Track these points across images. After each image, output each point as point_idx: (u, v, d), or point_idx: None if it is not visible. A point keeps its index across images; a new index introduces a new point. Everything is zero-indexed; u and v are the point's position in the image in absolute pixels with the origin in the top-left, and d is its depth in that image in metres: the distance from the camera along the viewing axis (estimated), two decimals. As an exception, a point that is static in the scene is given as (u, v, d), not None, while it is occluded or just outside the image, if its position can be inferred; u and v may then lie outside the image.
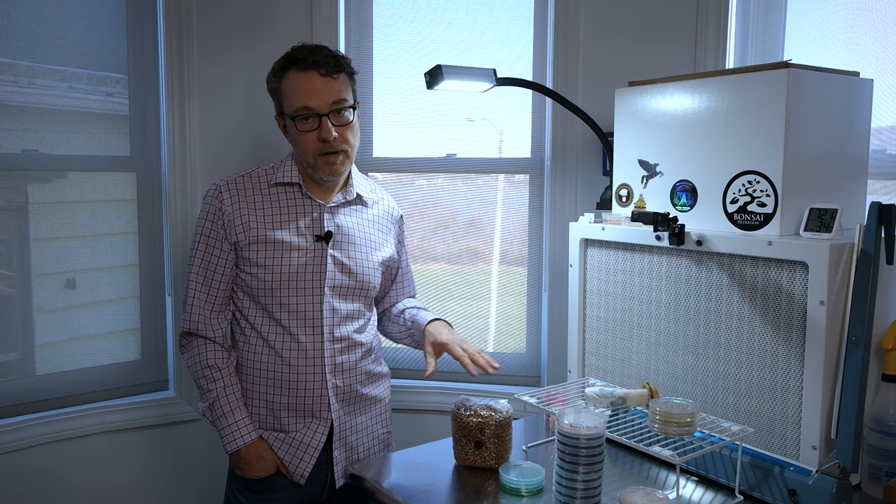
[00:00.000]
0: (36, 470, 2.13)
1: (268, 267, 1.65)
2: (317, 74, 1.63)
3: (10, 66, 2.09)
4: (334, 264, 1.69)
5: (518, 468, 1.44)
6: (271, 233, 1.66)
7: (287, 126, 1.70)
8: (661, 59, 2.12)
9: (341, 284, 1.70)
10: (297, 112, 1.64)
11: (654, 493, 1.24)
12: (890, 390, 1.35)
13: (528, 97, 2.32)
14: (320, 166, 1.66)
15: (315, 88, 1.63)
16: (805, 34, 2.03)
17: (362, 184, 1.83)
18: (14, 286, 2.14)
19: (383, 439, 1.85)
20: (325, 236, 1.68)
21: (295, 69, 1.64)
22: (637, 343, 1.67)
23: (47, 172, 2.18)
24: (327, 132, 1.62)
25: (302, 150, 1.67)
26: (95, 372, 2.26)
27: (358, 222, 1.77)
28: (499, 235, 2.43)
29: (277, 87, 1.69)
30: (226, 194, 1.69)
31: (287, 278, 1.65)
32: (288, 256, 1.66)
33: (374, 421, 1.81)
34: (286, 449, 1.68)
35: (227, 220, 1.67)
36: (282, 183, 1.71)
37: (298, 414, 1.68)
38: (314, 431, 1.69)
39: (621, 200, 1.73)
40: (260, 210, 1.69)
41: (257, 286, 1.67)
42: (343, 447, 1.73)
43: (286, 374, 1.66)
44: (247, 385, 1.71)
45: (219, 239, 1.68)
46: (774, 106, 1.38)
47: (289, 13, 2.33)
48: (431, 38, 2.37)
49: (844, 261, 1.30)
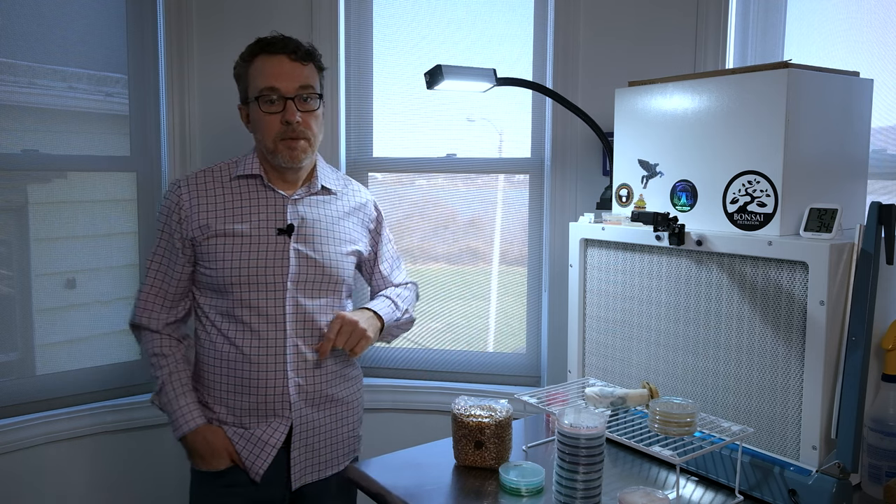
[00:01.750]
0: (36, 470, 2.13)
1: (227, 262, 1.62)
2: (286, 58, 1.62)
3: (10, 66, 2.09)
4: (297, 258, 1.65)
5: (518, 468, 1.44)
6: (230, 227, 1.63)
7: (250, 111, 1.67)
8: (661, 59, 2.12)
9: (306, 279, 1.66)
10: (262, 92, 1.61)
11: (654, 493, 1.23)
12: (890, 390, 1.35)
13: (528, 97, 2.32)
14: (281, 151, 1.63)
15: (283, 71, 1.61)
16: (805, 34, 2.03)
17: (329, 175, 1.79)
18: (14, 286, 2.14)
19: (349, 444, 1.79)
20: (287, 229, 1.65)
21: (264, 54, 1.63)
22: (637, 343, 1.67)
23: (47, 172, 2.18)
24: (291, 114, 1.61)
25: (263, 134, 1.64)
26: (95, 372, 2.26)
27: (325, 213, 1.73)
28: (499, 235, 2.43)
29: (244, 72, 1.66)
30: (184, 189, 1.67)
31: (247, 273, 1.62)
32: (248, 251, 1.62)
33: (341, 424, 1.76)
34: (244, 444, 1.65)
35: (185, 215, 1.65)
36: (244, 175, 1.69)
37: (260, 412, 1.65)
38: (273, 430, 1.65)
39: (621, 200, 1.73)
40: (221, 204, 1.65)
41: (217, 281, 1.63)
42: (303, 448, 1.68)
43: (247, 371, 1.63)
44: (208, 381, 1.68)
45: (174, 235, 1.66)
46: (774, 106, 1.38)
47: (289, 13, 2.33)
48: (431, 38, 2.37)
49: (844, 261, 1.30)
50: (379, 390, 2.41)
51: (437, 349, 2.46)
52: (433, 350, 2.46)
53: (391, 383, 2.42)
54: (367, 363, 2.48)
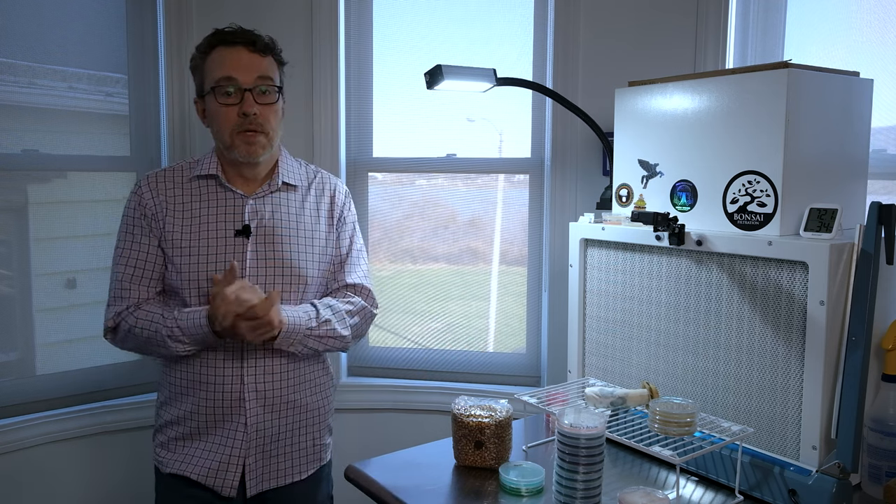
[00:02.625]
0: (36, 470, 2.13)
1: (183, 267, 1.57)
2: (244, 49, 1.58)
3: (10, 66, 2.09)
4: (256, 260, 1.59)
5: (518, 468, 1.44)
6: (187, 230, 1.58)
7: (207, 105, 1.61)
8: (661, 59, 2.12)
9: (265, 281, 1.59)
10: (218, 83, 1.56)
11: (654, 493, 1.23)
12: (890, 390, 1.35)
13: (528, 97, 2.32)
14: (237, 145, 1.57)
15: (240, 62, 1.57)
16: (805, 34, 2.03)
17: (293, 170, 1.70)
18: (14, 286, 2.14)
19: (313, 452, 1.70)
20: (243, 230, 1.59)
21: (222, 45, 1.59)
22: (637, 343, 1.67)
23: (47, 172, 2.18)
24: (249, 105, 1.55)
25: (219, 127, 1.58)
26: (95, 372, 2.26)
27: (287, 211, 1.65)
28: (499, 235, 2.43)
29: (201, 64, 1.60)
30: (145, 188, 1.62)
31: (205, 278, 1.56)
32: (204, 255, 1.57)
33: (304, 431, 1.67)
34: (208, 466, 1.59)
35: (150, 213, 1.60)
36: (202, 176, 1.63)
37: (217, 415, 1.59)
38: (232, 439, 1.58)
39: (621, 200, 1.73)
40: (179, 206, 1.60)
41: (176, 286, 1.59)
42: (259, 454, 1.61)
43: (203, 373, 1.58)
44: (166, 381, 1.64)
45: (144, 234, 1.60)
46: (774, 106, 1.38)
47: (289, 13, 2.33)
48: (431, 38, 2.37)
49: (844, 261, 1.30)
50: (379, 390, 2.41)
51: (437, 349, 2.46)
52: (433, 350, 2.46)
53: (391, 383, 2.42)
54: (367, 363, 2.48)
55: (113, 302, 1.63)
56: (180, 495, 1.63)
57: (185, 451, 1.63)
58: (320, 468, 1.73)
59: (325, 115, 2.33)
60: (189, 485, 1.61)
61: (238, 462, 1.59)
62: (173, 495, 1.65)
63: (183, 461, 1.62)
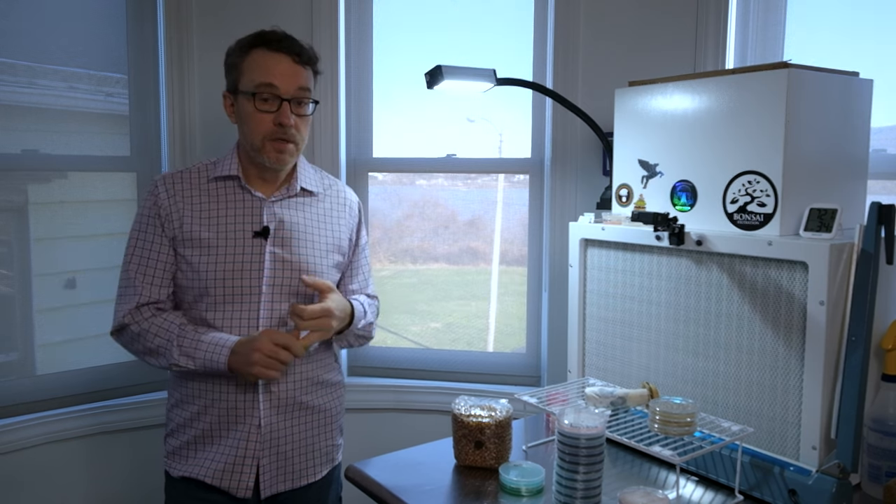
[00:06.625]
0: (36, 470, 2.13)
1: (201, 268, 1.57)
2: (288, 58, 1.58)
3: (10, 66, 2.09)
4: (273, 261, 1.59)
5: (518, 468, 1.44)
6: (206, 229, 1.59)
7: (240, 104, 1.60)
8: (661, 59, 2.12)
9: (282, 282, 1.60)
10: (258, 88, 1.55)
11: (654, 493, 1.23)
12: (890, 390, 1.35)
13: (528, 97, 2.32)
14: (268, 152, 1.58)
15: (284, 70, 1.57)
16: (805, 34, 2.03)
17: (310, 176, 1.73)
18: (14, 286, 2.14)
19: (326, 453, 1.71)
20: (262, 231, 1.60)
21: (265, 48, 1.58)
22: (637, 343, 1.67)
23: (47, 172, 2.18)
24: (286, 117, 1.56)
25: (251, 130, 1.58)
26: (95, 372, 2.26)
27: (305, 216, 1.67)
28: (499, 235, 2.44)
29: (239, 62, 1.60)
30: (161, 188, 1.62)
31: (222, 278, 1.57)
32: (223, 254, 1.58)
33: (317, 432, 1.68)
34: (222, 468, 1.59)
35: (164, 214, 1.60)
36: (221, 177, 1.63)
37: (230, 418, 1.59)
38: (245, 440, 1.58)
39: (621, 200, 1.73)
40: (197, 206, 1.61)
41: (191, 286, 1.59)
42: (273, 456, 1.61)
43: (216, 375, 1.58)
44: (179, 387, 1.64)
45: (157, 234, 1.61)
46: (774, 106, 1.38)
47: (289, 14, 2.33)
48: (431, 38, 2.38)
49: (844, 261, 1.30)
50: (379, 390, 2.41)
51: (437, 349, 2.46)
52: (433, 350, 2.46)
53: (391, 383, 2.42)
54: (367, 363, 2.48)
55: (122, 300, 1.63)
56: (193, 499, 1.63)
57: (197, 454, 1.62)
58: (332, 469, 1.75)
59: (325, 115, 2.33)
60: (202, 488, 1.61)
61: (252, 463, 1.59)
62: (186, 499, 1.65)
63: (196, 464, 1.62)
